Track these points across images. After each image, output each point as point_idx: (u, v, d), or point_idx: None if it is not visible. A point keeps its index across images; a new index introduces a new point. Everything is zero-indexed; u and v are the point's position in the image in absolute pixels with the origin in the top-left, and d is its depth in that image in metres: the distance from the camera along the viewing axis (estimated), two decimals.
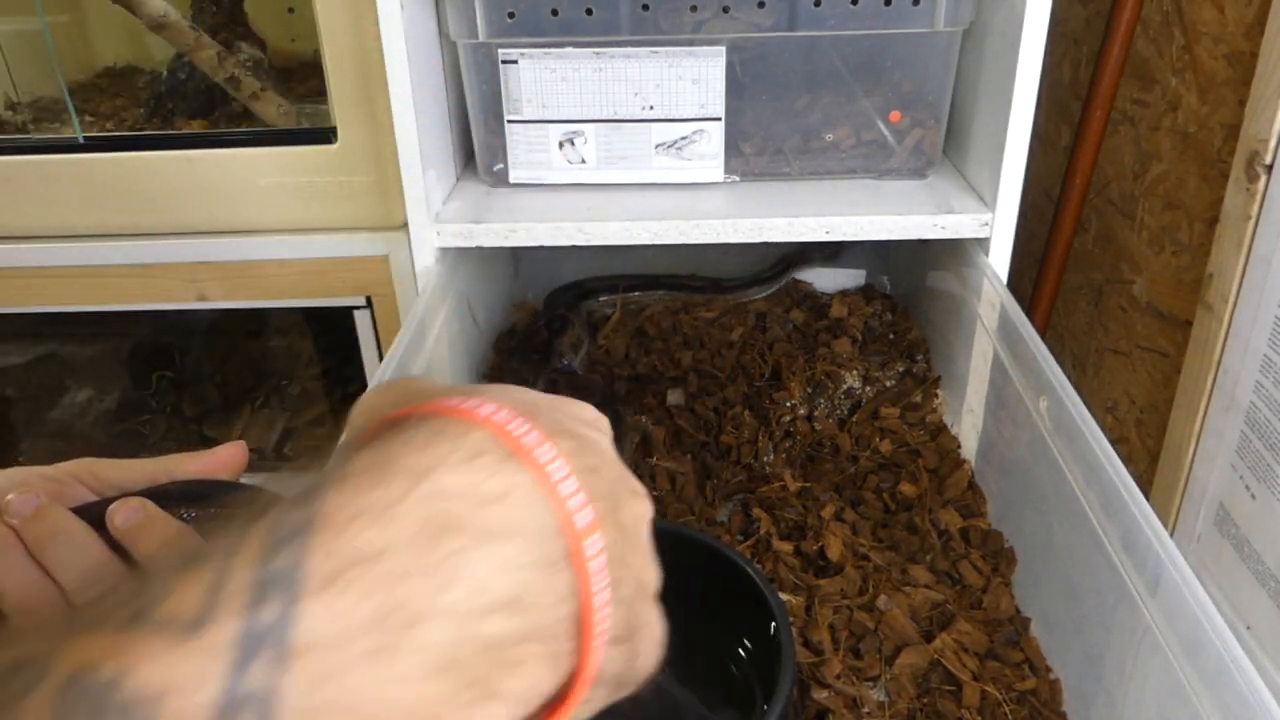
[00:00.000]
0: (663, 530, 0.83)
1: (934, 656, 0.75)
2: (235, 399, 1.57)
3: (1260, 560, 0.84)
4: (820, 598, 0.81)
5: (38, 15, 1.38)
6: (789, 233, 0.95)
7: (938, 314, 1.11)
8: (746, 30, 0.95)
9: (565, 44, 0.96)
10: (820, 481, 0.95)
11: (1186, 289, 0.98)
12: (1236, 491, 0.87)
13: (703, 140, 1.00)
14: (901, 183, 1.02)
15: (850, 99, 0.99)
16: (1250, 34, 0.86)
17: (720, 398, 1.06)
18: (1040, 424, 0.77)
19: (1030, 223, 1.24)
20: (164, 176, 1.10)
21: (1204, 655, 0.53)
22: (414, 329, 0.87)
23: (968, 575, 0.83)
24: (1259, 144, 0.82)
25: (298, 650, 0.26)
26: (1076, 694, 0.72)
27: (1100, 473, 0.66)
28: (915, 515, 0.90)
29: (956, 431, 1.01)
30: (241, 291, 1.25)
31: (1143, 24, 1.03)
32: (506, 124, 1.00)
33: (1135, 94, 1.06)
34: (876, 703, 0.73)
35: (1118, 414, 1.13)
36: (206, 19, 1.30)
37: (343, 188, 1.10)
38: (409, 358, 0.85)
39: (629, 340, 1.18)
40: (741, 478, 0.96)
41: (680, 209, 0.97)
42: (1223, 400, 0.89)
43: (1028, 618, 0.80)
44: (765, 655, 0.68)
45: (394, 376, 0.85)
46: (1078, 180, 1.10)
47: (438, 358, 0.96)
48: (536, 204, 1.00)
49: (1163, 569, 0.57)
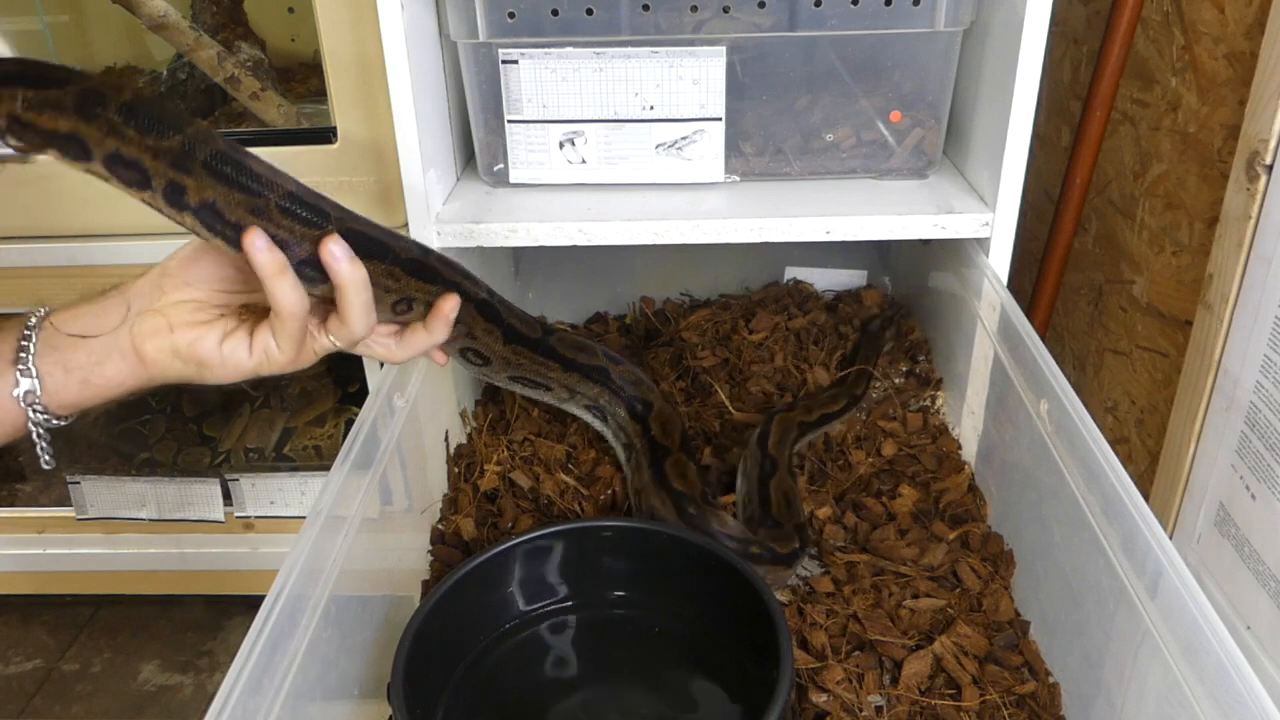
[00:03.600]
0: (665, 534, 0.83)
1: (933, 659, 0.75)
2: (235, 399, 1.57)
3: (1260, 560, 0.84)
4: (819, 601, 0.81)
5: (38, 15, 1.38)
6: (789, 233, 0.94)
7: (938, 314, 1.11)
8: (746, 30, 0.95)
9: (565, 44, 0.96)
10: (823, 484, 0.95)
11: (1186, 289, 0.98)
12: (1236, 491, 0.87)
13: (703, 140, 1.00)
14: (901, 183, 1.02)
15: (850, 99, 0.99)
16: (1250, 34, 0.86)
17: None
18: (1040, 427, 0.77)
19: (1030, 223, 1.24)
20: None
21: (1203, 658, 0.53)
22: None
23: (967, 578, 0.83)
24: (1259, 144, 0.82)
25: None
26: (1076, 697, 0.72)
27: (1100, 476, 0.66)
28: (915, 518, 0.90)
29: (957, 434, 1.01)
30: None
31: (1143, 24, 1.03)
32: (507, 124, 1.00)
33: (1135, 94, 1.06)
34: (875, 706, 0.73)
35: (1118, 414, 1.13)
36: (206, 19, 1.30)
37: (343, 188, 1.10)
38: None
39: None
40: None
41: (680, 209, 0.97)
42: (1223, 400, 0.89)
43: (1027, 621, 0.80)
44: (765, 658, 0.68)
45: (393, 378, 0.85)
46: (1078, 180, 1.10)
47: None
48: (536, 204, 1.00)
49: (1162, 572, 0.57)
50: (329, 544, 0.68)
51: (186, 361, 0.62)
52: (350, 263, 0.60)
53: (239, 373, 0.63)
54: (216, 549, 1.50)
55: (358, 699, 0.72)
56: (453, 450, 1.02)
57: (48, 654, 1.58)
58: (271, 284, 0.58)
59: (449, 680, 0.73)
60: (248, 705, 0.55)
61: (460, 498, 0.96)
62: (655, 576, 0.78)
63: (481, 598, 0.76)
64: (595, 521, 0.81)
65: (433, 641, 0.70)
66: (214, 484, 1.46)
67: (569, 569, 0.79)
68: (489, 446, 1.01)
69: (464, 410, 1.07)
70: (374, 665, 0.73)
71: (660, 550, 0.78)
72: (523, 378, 0.89)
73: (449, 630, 0.72)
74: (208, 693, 1.50)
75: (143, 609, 1.63)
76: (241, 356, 0.62)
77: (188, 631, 1.61)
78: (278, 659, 0.59)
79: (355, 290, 0.61)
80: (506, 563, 0.77)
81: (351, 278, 0.60)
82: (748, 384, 1.08)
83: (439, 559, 0.91)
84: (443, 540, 0.92)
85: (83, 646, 1.60)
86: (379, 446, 0.79)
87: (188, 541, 1.50)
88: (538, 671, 0.76)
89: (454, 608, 0.72)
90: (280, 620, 0.59)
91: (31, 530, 1.53)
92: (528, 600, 0.79)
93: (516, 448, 1.01)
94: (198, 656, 1.57)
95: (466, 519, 0.92)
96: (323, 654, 0.65)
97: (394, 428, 0.83)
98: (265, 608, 0.59)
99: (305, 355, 0.64)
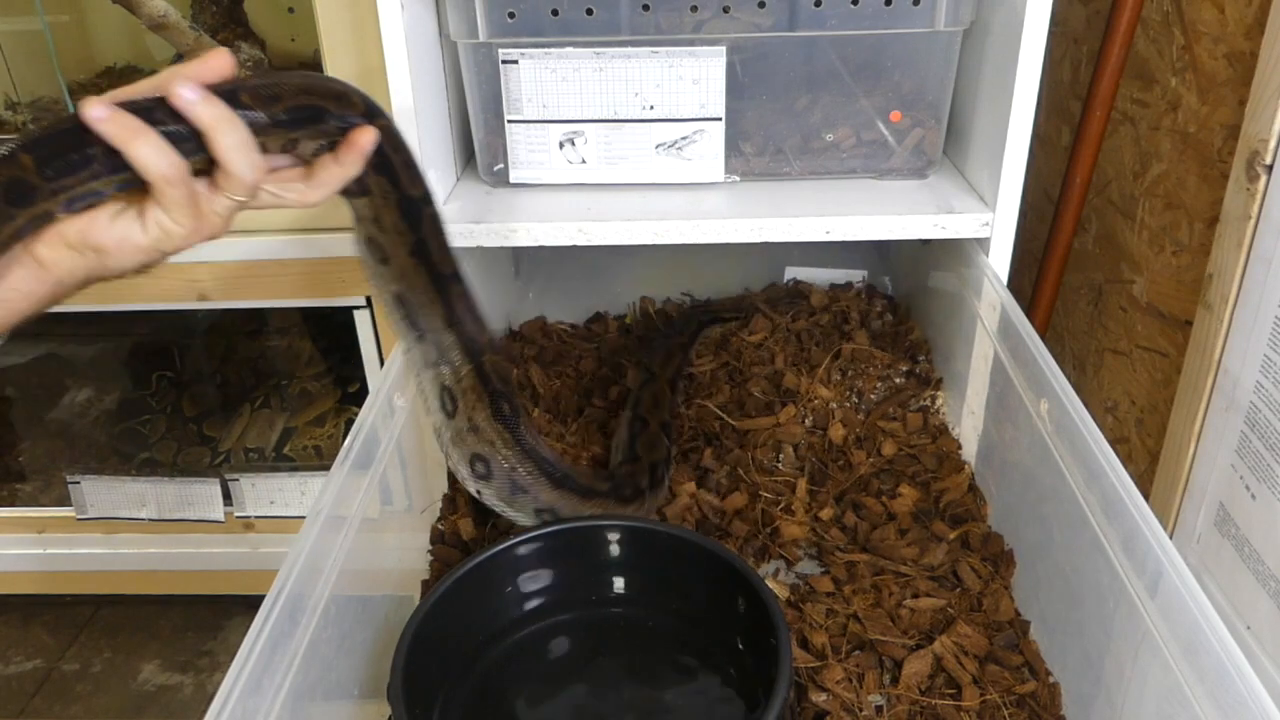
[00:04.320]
0: (667, 535, 0.83)
1: (933, 659, 0.75)
2: (235, 399, 1.57)
3: (1260, 560, 0.84)
4: (819, 601, 0.81)
5: (38, 15, 1.38)
6: (789, 233, 0.95)
7: (938, 314, 1.11)
8: (746, 30, 0.95)
9: (565, 44, 0.96)
10: (823, 484, 0.95)
11: (1186, 289, 0.98)
12: (1236, 491, 0.87)
13: (703, 140, 1.00)
14: (901, 183, 1.02)
15: (850, 99, 0.99)
16: (1250, 34, 0.86)
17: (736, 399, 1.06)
18: (1041, 426, 0.77)
19: (1030, 223, 1.24)
20: None
21: (1203, 658, 0.53)
22: None
23: (967, 578, 0.83)
24: (1259, 144, 0.82)
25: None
26: (1076, 697, 0.72)
27: (1100, 476, 0.66)
28: (915, 518, 0.90)
29: (957, 433, 1.01)
30: (241, 291, 1.25)
31: (1143, 24, 1.03)
32: (507, 124, 1.00)
33: (1135, 94, 1.06)
34: (875, 706, 0.73)
35: (1118, 414, 1.13)
36: (206, 19, 1.30)
37: None
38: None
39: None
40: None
41: (680, 209, 0.97)
42: (1223, 400, 0.89)
43: (1027, 620, 0.80)
44: (764, 658, 0.68)
45: (395, 377, 0.85)
46: (1078, 180, 1.10)
47: None
48: (536, 204, 1.00)
49: (1162, 572, 0.57)
50: (329, 544, 0.68)
51: (83, 252, 0.59)
52: (205, 103, 0.57)
53: (140, 252, 0.60)
54: (216, 549, 1.50)
55: (357, 699, 0.72)
56: None
57: (48, 654, 1.58)
58: (129, 152, 0.56)
59: (448, 680, 0.72)
60: (247, 705, 0.55)
61: (460, 497, 0.96)
62: (655, 576, 0.78)
63: (481, 598, 0.76)
64: (595, 521, 0.81)
65: (432, 641, 0.70)
66: (214, 484, 1.46)
67: (568, 569, 0.79)
68: None
69: None
70: (374, 665, 0.73)
71: (660, 550, 0.78)
72: (405, 301, 0.80)
73: (448, 630, 0.72)
74: (208, 693, 1.50)
75: (143, 609, 1.64)
76: (136, 235, 0.60)
77: (188, 631, 1.61)
78: (277, 659, 0.59)
79: (221, 131, 0.58)
80: (506, 562, 0.77)
81: (212, 118, 0.57)
82: (748, 385, 1.08)
83: (439, 559, 0.91)
84: (442, 540, 0.92)
85: (83, 646, 1.60)
86: (379, 446, 0.79)
87: (188, 541, 1.50)
88: (537, 671, 0.76)
89: (453, 608, 0.72)
90: (280, 620, 0.59)
91: (31, 530, 1.53)
92: (527, 600, 0.79)
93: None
94: (198, 656, 1.57)
95: (466, 519, 0.92)
96: (322, 654, 0.65)
97: (394, 427, 0.83)
98: (265, 608, 0.59)
99: (209, 223, 0.61)
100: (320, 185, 0.67)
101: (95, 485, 1.46)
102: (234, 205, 0.62)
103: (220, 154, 0.59)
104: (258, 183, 0.62)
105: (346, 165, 0.66)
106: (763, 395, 1.06)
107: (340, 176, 0.67)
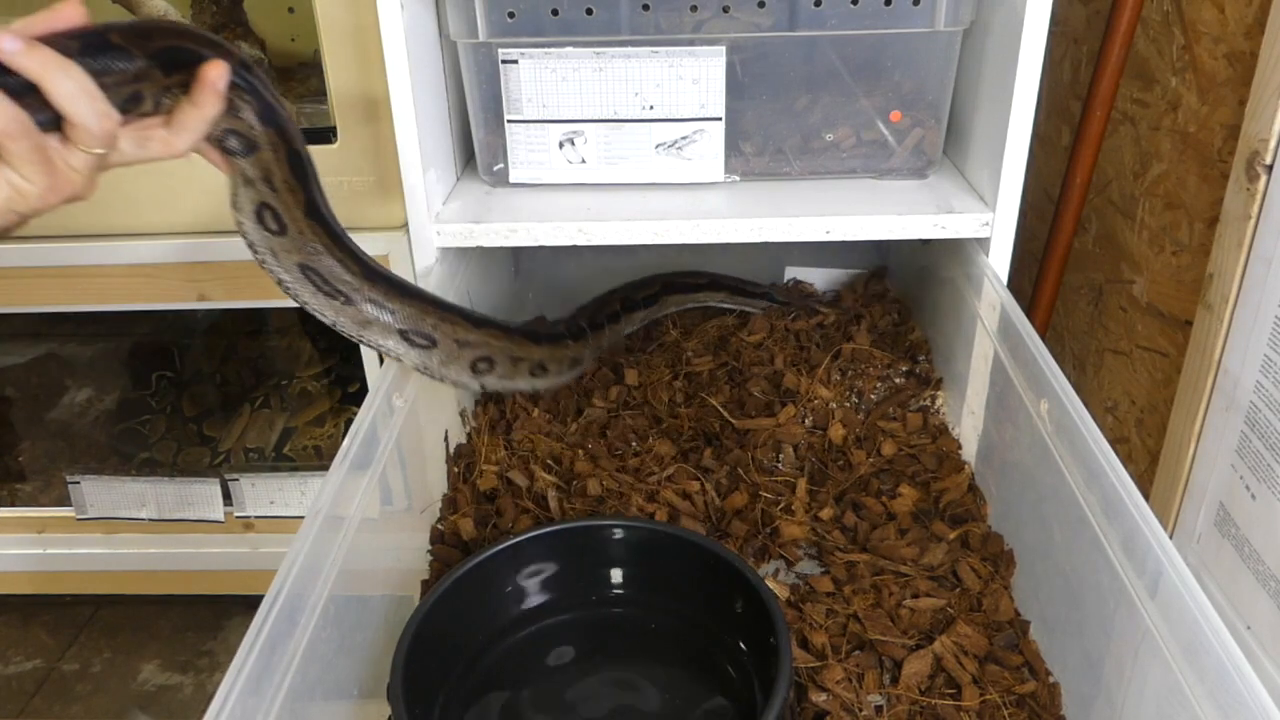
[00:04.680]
0: (667, 535, 0.83)
1: (933, 659, 0.75)
2: (235, 399, 1.57)
3: (1260, 560, 0.84)
4: (819, 601, 0.81)
5: None
6: (789, 232, 0.95)
7: (938, 314, 1.11)
8: (746, 30, 0.95)
9: (565, 44, 0.96)
10: (823, 484, 0.95)
11: (1186, 289, 0.98)
12: (1236, 491, 0.87)
13: (703, 140, 1.00)
14: (901, 182, 1.02)
15: (850, 99, 0.99)
16: (1250, 34, 0.86)
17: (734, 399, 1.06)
18: (1040, 426, 0.77)
19: (1030, 223, 1.24)
20: (164, 176, 1.09)
21: (1203, 658, 0.53)
22: None
23: (967, 578, 0.83)
24: (1259, 144, 0.82)
25: None
26: (1076, 697, 0.72)
27: (1100, 476, 0.65)
28: (915, 518, 0.90)
29: (957, 433, 1.01)
30: (241, 291, 1.25)
31: (1143, 24, 1.03)
32: (506, 124, 1.00)
33: (1135, 94, 1.06)
34: (875, 706, 0.73)
35: (1118, 414, 1.13)
36: (206, 19, 1.30)
37: (343, 188, 1.10)
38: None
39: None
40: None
41: (680, 209, 0.97)
42: (1223, 400, 0.89)
43: (1027, 621, 0.80)
44: (764, 658, 0.68)
45: (395, 377, 0.85)
46: (1078, 180, 1.10)
47: None
48: (536, 204, 1.00)
49: (1162, 572, 0.57)
50: (328, 544, 0.68)
51: None
52: (28, 53, 0.54)
53: None
54: (216, 549, 1.49)
55: (357, 699, 0.71)
56: (452, 450, 1.02)
57: (48, 654, 1.58)
58: None
59: (448, 680, 0.73)
60: (247, 705, 0.55)
61: (459, 497, 0.96)
62: (654, 575, 0.78)
63: (481, 597, 0.76)
64: (594, 521, 0.81)
65: (432, 641, 0.70)
66: (214, 484, 1.46)
67: (568, 568, 0.79)
68: (488, 446, 1.01)
69: (463, 410, 1.07)
70: (373, 665, 0.73)
71: (660, 549, 0.78)
72: (313, 270, 0.75)
73: (448, 630, 0.72)
74: (208, 693, 1.50)
75: (143, 609, 1.63)
76: None
77: (188, 631, 1.61)
78: (277, 659, 0.58)
79: (53, 79, 0.55)
80: (506, 562, 0.77)
81: (40, 65, 0.54)
82: (747, 385, 1.08)
83: (438, 559, 0.91)
84: (442, 540, 0.92)
85: (83, 646, 1.60)
86: (378, 446, 0.79)
87: (188, 541, 1.50)
88: (537, 671, 0.76)
89: (453, 607, 0.72)
90: (279, 620, 0.59)
91: (31, 530, 1.53)
92: (527, 599, 0.79)
93: (515, 447, 1.01)
94: (198, 656, 1.57)
95: (466, 519, 0.92)
96: (322, 654, 0.65)
97: (393, 427, 0.83)
98: (264, 608, 0.59)
99: (66, 179, 0.59)
100: (181, 129, 0.63)
101: (95, 485, 1.46)
102: (92, 160, 0.59)
103: (59, 101, 0.56)
104: (110, 132, 0.59)
105: (201, 104, 0.63)
106: (763, 395, 1.06)
107: (198, 118, 0.64)
